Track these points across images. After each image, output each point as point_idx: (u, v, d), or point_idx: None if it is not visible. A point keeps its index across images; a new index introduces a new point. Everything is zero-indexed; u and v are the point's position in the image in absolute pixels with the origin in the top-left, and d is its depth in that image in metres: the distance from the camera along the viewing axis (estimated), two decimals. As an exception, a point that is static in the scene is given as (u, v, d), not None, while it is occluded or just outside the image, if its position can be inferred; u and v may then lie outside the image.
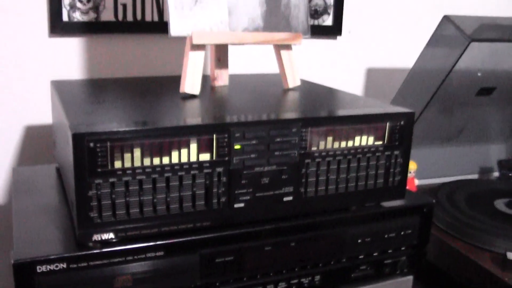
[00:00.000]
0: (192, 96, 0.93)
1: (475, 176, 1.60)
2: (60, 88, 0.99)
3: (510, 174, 1.51)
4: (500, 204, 1.26)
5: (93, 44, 1.23)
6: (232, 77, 1.12)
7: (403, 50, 1.56)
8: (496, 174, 1.59)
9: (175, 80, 0.94)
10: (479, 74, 1.28)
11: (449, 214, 1.19)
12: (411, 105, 0.94)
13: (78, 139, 0.68)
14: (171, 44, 1.29)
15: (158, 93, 0.97)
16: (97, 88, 1.03)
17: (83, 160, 0.69)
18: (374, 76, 1.55)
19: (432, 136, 1.44)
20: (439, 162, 1.52)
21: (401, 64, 1.55)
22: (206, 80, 1.08)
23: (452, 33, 1.18)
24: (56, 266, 0.70)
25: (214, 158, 0.76)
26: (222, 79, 1.06)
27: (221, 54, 1.04)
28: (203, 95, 0.95)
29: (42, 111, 1.21)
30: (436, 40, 1.23)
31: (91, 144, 0.69)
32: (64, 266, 0.70)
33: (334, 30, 1.45)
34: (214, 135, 0.75)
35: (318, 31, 1.42)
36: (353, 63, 1.52)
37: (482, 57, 1.24)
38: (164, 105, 0.86)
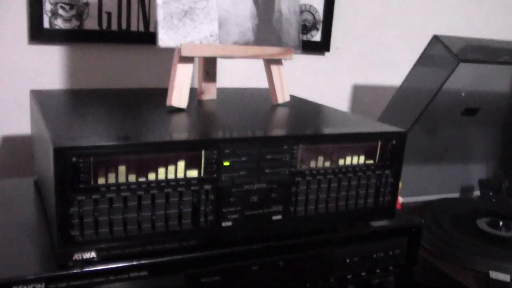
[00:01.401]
0: (179, 110, 0.90)
1: (456, 195, 1.61)
2: (40, 98, 0.95)
3: (490, 194, 1.53)
4: (482, 223, 1.26)
5: (75, 53, 1.21)
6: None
7: (390, 67, 1.56)
8: (477, 193, 1.60)
9: (162, 93, 0.91)
10: (463, 94, 1.28)
11: (434, 234, 1.19)
12: (398, 123, 0.93)
13: (60, 153, 0.65)
14: (157, 55, 1.26)
15: (144, 106, 0.94)
16: (79, 99, 1.00)
17: (64, 176, 0.66)
18: (360, 93, 1.55)
19: (416, 155, 1.44)
20: (422, 180, 1.52)
21: (388, 82, 1.56)
22: (193, 93, 1.05)
23: (441, 53, 1.18)
24: (34, 287, 0.67)
25: (202, 175, 0.73)
26: (210, 92, 1.04)
27: (209, 67, 1.02)
28: (190, 109, 0.93)
29: (21, 121, 1.17)
30: (425, 59, 1.24)
31: (74, 159, 0.66)
32: (42, 287, 0.67)
33: (323, 46, 1.45)
34: (203, 151, 0.73)
35: (306, 47, 1.41)
36: (340, 80, 1.51)
37: (468, 78, 1.24)
38: (151, 119, 0.83)
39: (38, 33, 1.15)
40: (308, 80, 1.46)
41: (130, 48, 1.24)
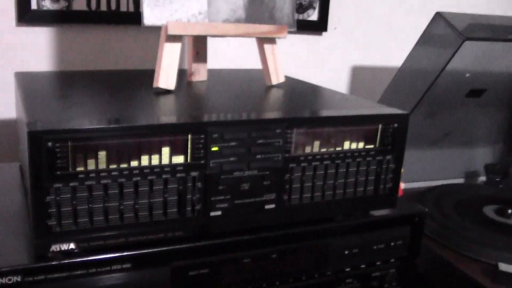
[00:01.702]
0: (167, 92, 0.85)
1: (461, 181, 1.57)
2: (23, 80, 0.91)
3: (497, 179, 1.48)
4: (489, 211, 1.21)
5: (63, 34, 1.17)
6: (210, 72, 1.05)
7: (390, 48, 1.52)
8: (482, 178, 1.56)
9: (150, 74, 0.86)
10: (467, 75, 1.23)
11: (437, 222, 1.14)
12: (399, 105, 0.89)
13: (35, 137, 0.61)
14: (148, 36, 1.22)
15: (130, 88, 0.90)
16: (64, 81, 0.96)
17: (40, 162, 0.61)
18: (359, 75, 1.51)
19: (417, 139, 1.40)
20: (425, 165, 1.48)
21: (388, 63, 1.52)
22: (183, 75, 1.00)
23: (444, 31, 1.13)
24: (9, 280, 0.63)
25: (188, 161, 0.69)
26: (200, 74, 0.99)
27: (199, 47, 0.97)
28: (179, 91, 0.88)
29: (8, 105, 1.14)
30: (426, 38, 1.19)
31: (50, 144, 0.61)
32: (19, 279, 0.63)
33: (320, 26, 1.40)
34: (189, 136, 0.68)
35: (303, 26, 1.37)
36: (338, 61, 1.48)
37: (473, 57, 1.19)
38: (135, 101, 0.79)
39: (26, 14, 1.12)
40: (304, 61, 1.43)
41: (120, 29, 1.21)
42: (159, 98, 0.82)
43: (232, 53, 1.32)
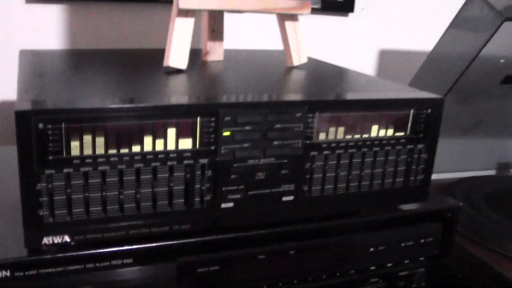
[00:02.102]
0: (178, 71, 0.78)
1: (492, 172, 1.50)
2: (27, 57, 0.85)
3: (532, 171, 1.41)
4: (524, 205, 1.14)
5: (73, 12, 1.12)
6: (227, 52, 0.98)
7: (421, 31, 1.45)
8: (515, 170, 1.50)
9: (162, 53, 0.80)
10: (502, 61, 1.16)
11: (468, 216, 1.07)
12: (429, 92, 0.84)
13: (23, 117, 0.54)
14: (162, 13, 1.16)
15: (138, 67, 0.83)
16: (69, 59, 0.89)
17: (29, 145, 0.55)
18: (387, 59, 1.45)
19: (447, 127, 1.33)
20: (454, 155, 1.42)
21: (418, 47, 1.45)
22: (197, 55, 0.93)
23: (481, 12, 1.07)
24: (-2, 274, 0.57)
25: (197, 147, 0.62)
26: (215, 53, 0.92)
27: (215, 24, 0.90)
28: (192, 70, 0.81)
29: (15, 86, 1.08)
30: (461, 20, 1.12)
31: (41, 125, 0.55)
32: (8, 274, 0.58)
33: (346, 6, 1.34)
34: (198, 118, 0.61)
35: (328, 7, 1.31)
36: (365, 44, 1.41)
37: (510, 41, 1.12)
38: (142, 81, 0.72)
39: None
40: (329, 44, 1.36)
41: (132, 6, 1.15)
42: (169, 78, 0.75)
43: (251, 33, 1.27)
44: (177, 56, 0.77)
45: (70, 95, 0.62)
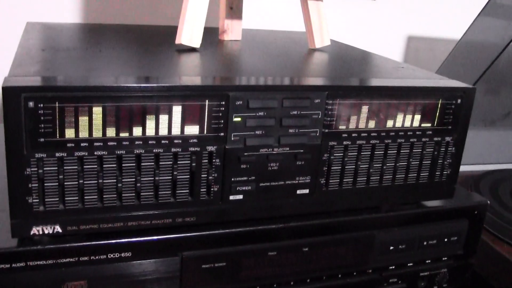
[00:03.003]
0: (191, 50, 0.73)
1: None
2: (32, 30, 0.80)
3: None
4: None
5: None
6: (246, 32, 0.93)
7: (450, 17, 1.41)
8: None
9: (176, 30, 0.74)
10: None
11: (495, 212, 1.02)
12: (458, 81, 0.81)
13: (11, 95, 0.49)
14: None
15: (148, 44, 0.78)
16: (77, 34, 0.84)
17: (18, 126, 0.50)
18: (414, 46, 1.41)
19: (474, 117, 1.28)
20: (480, 147, 1.38)
21: (447, 34, 1.41)
22: (214, 34, 0.88)
23: None
24: (-17, 266, 0.52)
25: (204, 133, 0.57)
26: (233, 32, 0.87)
27: (234, 1, 0.85)
28: (206, 49, 0.76)
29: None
30: (492, 7, 1.08)
31: (31, 104, 0.50)
32: (-6, 265, 0.54)
33: None
34: (206, 102, 0.56)
35: None
36: (392, 29, 1.37)
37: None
38: (150, 59, 0.67)
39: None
40: (353, 28, 1.32)
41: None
42: (180, 56, 0.70)
43: (272, 12, 1.22)
44: (190, 33, 0.71)
45: (70, 72, 0.57)
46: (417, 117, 0.67)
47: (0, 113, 0.91)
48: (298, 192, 0.64)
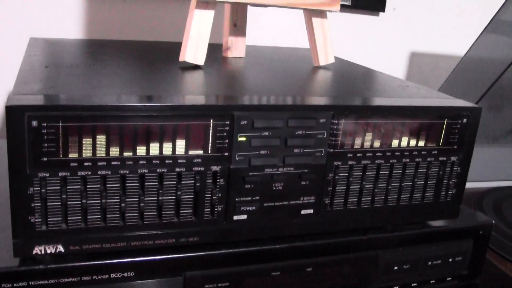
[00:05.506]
0: (195, 67, 0.73)
1: None
2: (35, 46, 0.80)
3: None
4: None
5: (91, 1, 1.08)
6: (250, 49, 0.93)
7: (454, 34, 1.42)
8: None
9: (179, 47, 0.74)
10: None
11: (499, 231, 1.02)
12: (461, 98, 0.80)
13: (15, 114, 0.49)
14: (184, 5, 1.12)
15: (152, 61, 0.78)
16: (81, 50, 0.84)
17: (21, 145, 0.50)
18: (418, 62, 1.42)
19: (479, 134, 1.28)
20: (483, 164, 1.35)
21: (451, 51, 1.41)
22: (218, 50, 0.87)
23: None
24: (-17, 285, 0.52)
25: (209, 153, 0.56)
26: (237, 49, 0.87)
27: (237, 18, 0.85)
28: (210, 67, 0.75)
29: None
30: (496, 24, 1.08)
31: (35, 123, 0.49)
32: (-5, 285, 0.54)
33: (377, 5, 1.32)
34: (211, 121, 0.56)
35: (358, 5, 1.28)
36: (395, 45, 1.38)
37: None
38: (154, 77, 0.67)
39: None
40: (357, 44, 1.33)
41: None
42: (183, 74, 0.69)
43: (276, 29, 1.22)
44: (194, 50, 0.71)
45: (73, 90, 0.57)
46: (423, 136, 0.66)
47: (3, 129, 0.92)
48: (303, 212, 0.63)
